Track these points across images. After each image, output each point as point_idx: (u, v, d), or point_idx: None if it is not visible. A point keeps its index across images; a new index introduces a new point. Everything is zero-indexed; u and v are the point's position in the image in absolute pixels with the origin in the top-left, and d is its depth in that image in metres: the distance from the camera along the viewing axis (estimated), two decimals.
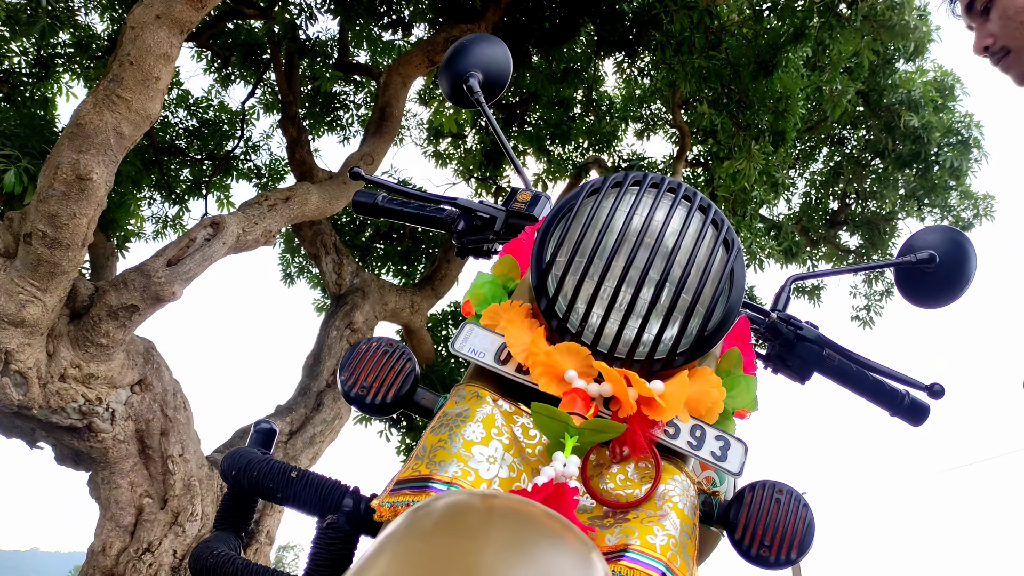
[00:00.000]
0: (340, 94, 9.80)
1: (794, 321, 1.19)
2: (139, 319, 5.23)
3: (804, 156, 10.27)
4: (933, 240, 1.30)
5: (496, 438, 0.89)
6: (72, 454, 5.46)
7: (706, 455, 0.94)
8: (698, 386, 0.94)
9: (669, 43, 6.58)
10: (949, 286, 1.29)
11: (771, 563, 0.93)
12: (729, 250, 0.95)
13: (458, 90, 1.41)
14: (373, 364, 1.02)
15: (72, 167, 4.39)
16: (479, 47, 1.43)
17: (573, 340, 0.91)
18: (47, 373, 4.82)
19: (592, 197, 0.96)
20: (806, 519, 0.94)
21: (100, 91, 4.54)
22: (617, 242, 0.91)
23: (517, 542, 0.55)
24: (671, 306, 0.90)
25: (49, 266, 4.49)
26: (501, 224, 1.24)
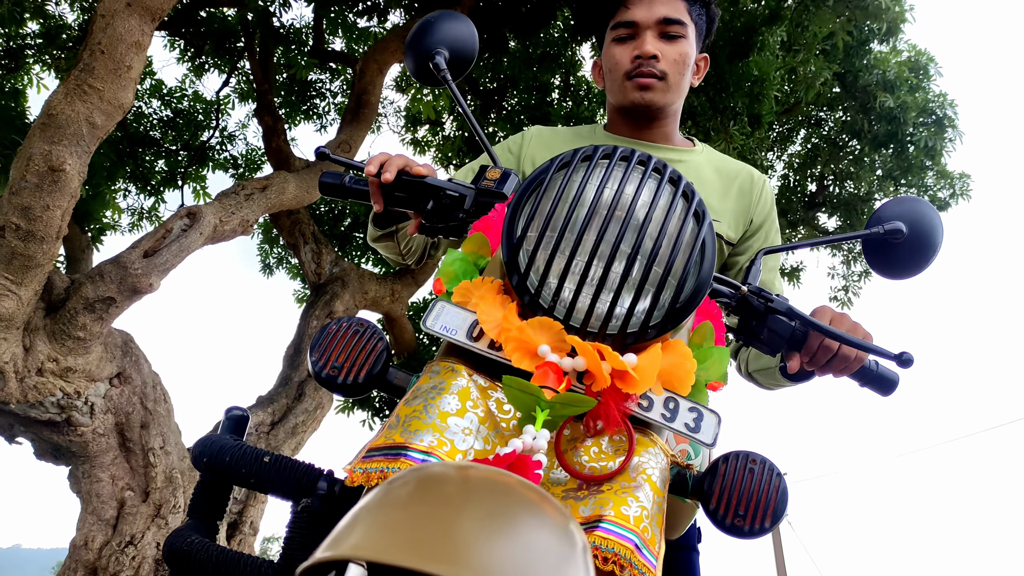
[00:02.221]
0: (316, 82, 9.72)
1: (764, 294, 1.18)
2: (116, 311, 5.18)
3: (782, 139, 10.31)
4: (900, 211, 1.30)
5: (471, 410, 0.90)
6: (52, 448, 5.42)
7: (680, 427, 0.94)
8: (671, 359, 0.94)
9: None
10: (917, 257, 1.29)
11: (745, 532, 0.94)
12: (700, 222, 0.95)
13: (424, 68, 1.38)
14: (344, 344, 1.01)
15: (44, 159, 4.33)
16: (445, 24, 1.40)
17: (545, 315, 0.91)
18: (24, 367, 4.77)
19: (562, 171, 0.96)
20: (779, 487, 0.95)
21: (71, 81, 4.47)
22: (588, 216, 0.91)
23: (495, 511, 0.55)
24: (643, 279, 0.90)
25: (23, 259, 4.43)
26: (471, 202, 1.22)
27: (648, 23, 1.54)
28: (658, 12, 1.54)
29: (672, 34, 1.55)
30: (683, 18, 1.56)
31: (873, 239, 1.30)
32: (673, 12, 1.55)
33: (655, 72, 1.54)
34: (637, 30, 1.56)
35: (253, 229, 6.40)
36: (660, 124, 1.65)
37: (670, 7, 1.55)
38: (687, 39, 1.57)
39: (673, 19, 1.54)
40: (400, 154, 1.25)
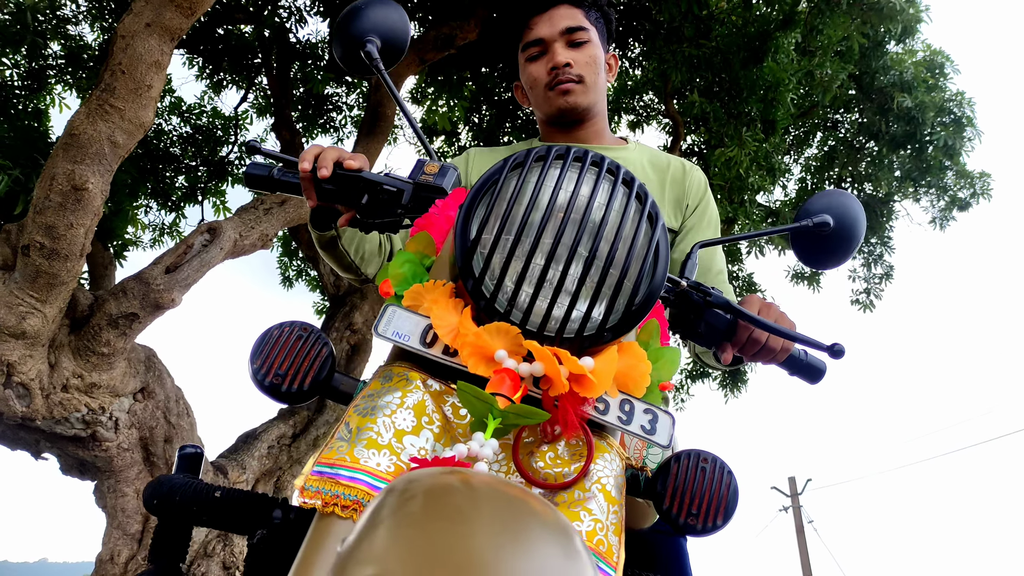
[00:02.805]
0: (332, 95, 9.80)
1: (703, 288, 1.19)
2: (139, 327, 5.24)
3: (799, 142, 10.27)
4: (826, 204, 1.34)
5: (427, 427, 0.88)
6: (77, 464, 5.48)
7: (636, 429, 0.94)
8: (626, 361, 0.94)
9: (659, 33, 6.58)
10: (843, 247, 1.34)
11: (698, 531, 0.94)
12: (653, 224, 0.94)
13: (354, 56, 1.34)
14: (287, 351, 0.98)
15: (68, 178, 4.40)
16: (376, 11, 1.35)
17: (502, 320, 0.89)
18: (49, 384, 4.83)
19: (516, 172, 0.94)
20: (731, 486, 0.96)
21: (93, 101, 4.54)
22: (544, 218, 0.89)
23: (508, 524, 0.56)
24: (600, 282, 0.89)
25: (48, 277, 4.50)
26: (408, 197, 1.18)
27: (554, 36, 1.67)
28: (560, 24, 1.67)
29: (577, 41, 1.68)
30: (584, 24, 1.68)
31: (802, 231, 1.33)
32: (573, 21, 1.68)
33: (572, 77, 1.66)
34: (546, 45, 1.68)
35: (272, 243, 6.46)
36: (590, 124, 1.76)
37: (569, 17, 1.68)
38: (592, 42, 1.70)
39: (575, 27, 1.67)
40: (334, 146, 1.22)
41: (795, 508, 22.58)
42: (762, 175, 7.16)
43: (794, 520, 22.36)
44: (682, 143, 8.82)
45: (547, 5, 1.69)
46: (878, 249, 10.50)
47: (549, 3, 1.69)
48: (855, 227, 1.33)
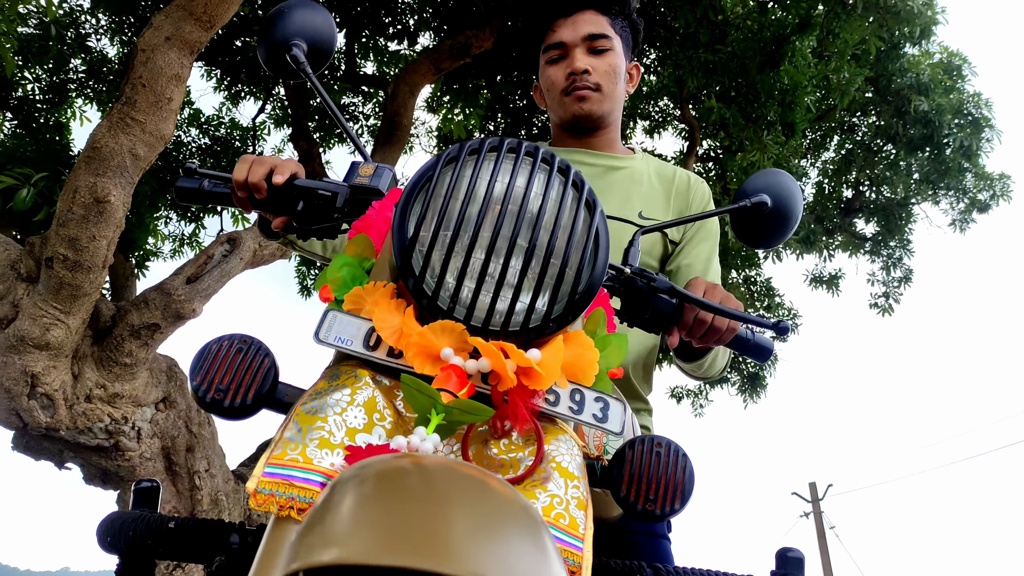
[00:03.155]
0: (349, 105, 9.87)
1: (647, 274, 1.19)
2: (161, 337, 5.29)
3: (815, 145, 10.24)
4: (764, 184, 1.34)
5: (379, 423, 0.86)
6: (100, 473, 5.53)
7: (587, 418, 0.93)
8: (573, 350, 0.93)
9: (674, 39, 6.58)
10: (781, 225, 1.34)
11: (657, 516, 0.94)
12: (592, 211, 0.94)
13: (279, 61, 1.31)
14: (228, 365, 0.94)
15: (90, 190, 4.45)
16: (301, 14, 1.32)
17: (445, 317, 0.88)
18: (73, 394, 4.88)
19: (450, 166, 0.93)
20: (686, 469, 0.95)
21: (114, 114, 4.60)
22: (482, 211, 0.88)
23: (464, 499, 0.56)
24: (541, 273, 0.88)
25: (71, 289, 4.55)
26: (344, 200, 1.16)
27: (575, 41, 1.66)
28: (583, 30, 1.66)
29: (599, 48, 1.67)
30: (607, 32, 1.67)
31: (741, 212, 1.33)
32: (597, 28, 1.67)
33: (589, 85, 1.66)
34: (566, 50, 1.68)
35: (291, 253, 6.50)
36: (602, 133, 1.75)
37: (593, 24, 1.67)
38: (614, 51, 1.69)
39: (598, 34, 1.66)
40: (264, 156, 1.21)
41: (816, 514, 22.43)
42: None
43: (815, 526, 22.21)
44: (698, 148, 8.81)
45: (573, 9, 1.68)
46: (897, 252, 10.44)
47: (575, 7, 1.68)
48: (792, 204, 1.34)
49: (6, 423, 4.86)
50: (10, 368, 4.59)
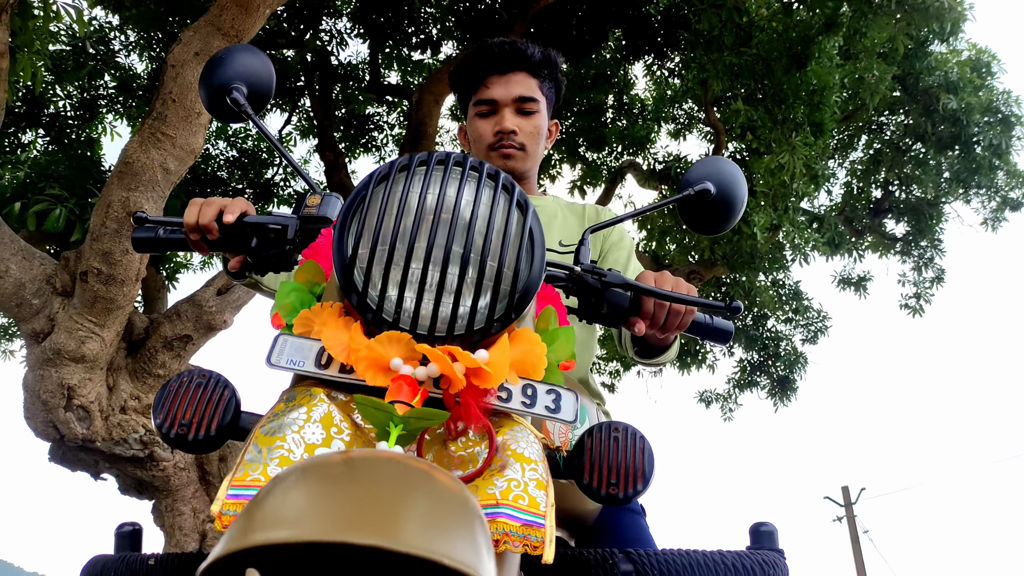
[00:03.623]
0: (373, 115, 9.93)
1: (597, 270, 1.21)
2: (193, 348, 5.35)
3: (843, 146, 10.15)
4: (706, 172, 1.37)
5: (336, 437, 0.88)
6: (135, 483, 5.59)
7: (541, 410, 0.95)
8: (520, 347, 0.95)
9: (699, 42, 6.56)
10: (726, 211, 1.36)
11: (620, 499, 0.96)
12: (524, 212, 0.96)
13: (221, 103, 1.34)
14: (188, 399, 0.97)
15: (123, 204, 4.52)
16: (239, 58, 1.36)
17: (391, 328, 0.90)
18: (108, 406, 4.95)
19: (382, 184, 0.95)
20: (644, 450, 0.97)
21: (145, 129, 4.66)
22: (416, 223, 0.91)
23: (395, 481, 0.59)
24: (479, 276, 0.90)
25: (105, 302, 4.62)
26: (294, 232, 1.19)
27: (506, 101, 1.75)
28: (514, 91, 1.75)
29: (527, 110, 1.77)
30: (535, 95, 1.77)
31: (686, 201, 1.36)
32: (527, 91, 1.76)
33: (515, 144, 1.75)
34: (496, 107, 1.76)
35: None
36: (522, 183, 1.83)
37: (524, 86, 1.76)
38: (540, 112, 1.79)
39: (527, 97, 1.76)
40: (213, 198, 1.24)
41: (849, 518, 22.15)
42: (806, 181, 7.09)
43: (849, 530, 21.95)
44: (724, 151, 8.78)
45: (506, 69, 1.76)
46: (928, 252, 10.32)
47: (509, 67, 1.76)
48: (735, 190, 1.36)
49: (44, 435, 4.93)
50: (47, 381, 4.66)
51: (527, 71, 1.78)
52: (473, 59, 1.80)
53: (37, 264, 4.79)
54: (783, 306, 10.37)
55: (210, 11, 4.77)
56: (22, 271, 4.68)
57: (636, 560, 1.06)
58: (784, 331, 10.69)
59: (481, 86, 1.78)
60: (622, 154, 9.72)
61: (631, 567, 1.05)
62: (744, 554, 1.10)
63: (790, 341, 10.65)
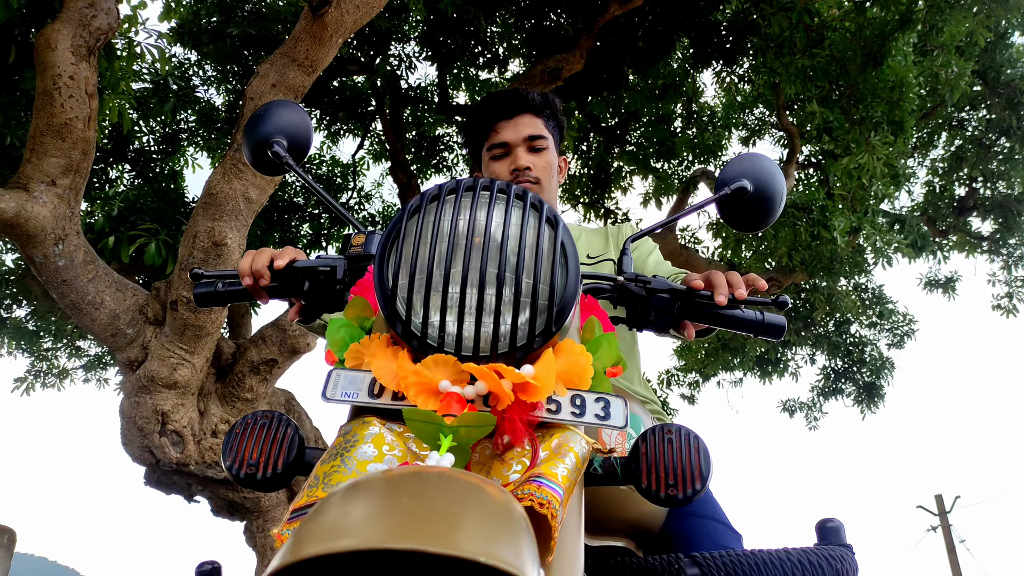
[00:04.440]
0: (443, 136, 10.06)
1: (642, 278, 1.24)
2: (278, 372, 5.48)
3: (922, 144, 9.86)
4: (741, 170, 1.37)
5: (389, 454, 0.90)
6: (227, 505, 5.74)
7: (591, 419, 0.96)
8: (565, 358, 0.97)
9: (769, 46, 6.47)
10: (766, 207, 1.38)
11: (680, 499, 0.96)
12: (555, 227, 0.98)
13: (263, 156, 1.42)
14: (255, 440, 1.01)
15: (208, 235, 4.67)
16: (278, 113, 1.44)
17: (436, 352, 0.92)
18: (200, 430, 5.10)
19: (415, 216, 0.98)
20: (700, 450, 0.98)
21: (227, 161, 4.81)
22: (450, 250, 0.94)
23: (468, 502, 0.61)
24: (516, 294, 0.92)
25: (195, 329, 4.77)
26: (343, 272, 1.25)
27: (517, 141, 1.88)
28: (523, 132, 1.88)
29: (537, 147, 1.89)
30: (543, 133, 1.90)
31: (723, 201, 1.37)
32: (535, 130, 1.89)
33: (531, 179, 1.86)
34: (509, 148, 1.88)
35: None
36: None
37: (532, 126, 1.90)
38: (549, 149, 1.91)
39: (536, 135, 1.88)
40: (264, 249, 1.30)
41: (944, 527, 21.37)
42: (886, 182, 6.90)
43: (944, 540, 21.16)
44: (798, 155, 8.61)
45: (512, 113, 1.90)
46: (1018, 250, 9.93)
47: (514, 111, 1.90)
48: (772, 185, 1.36)
49: (140, 460, 5.11)
50: (142, 407, 4.83)
51: (531, 112, 1.91)
52: (481, 109, 1.94)
53: (130, 295, 4.98)
54: (866, 311, 10.09)
55: (285, 43, 4.91)
56: (116, 302, 4.87)
57: (702, 563, 1.06)
58: (868, 336, 10.41)
59: (492, 131, 1.91)
60: (692, 163, 9.63)
61: (697, 571, 1.05)
62: (811, 550, 1.10)
63: (875, 346, 10.36)
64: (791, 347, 10.55)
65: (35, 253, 4.52)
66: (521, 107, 1.91)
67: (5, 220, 4.27)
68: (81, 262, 4.70)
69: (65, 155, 4.45)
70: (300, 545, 0.55)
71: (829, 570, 1.07)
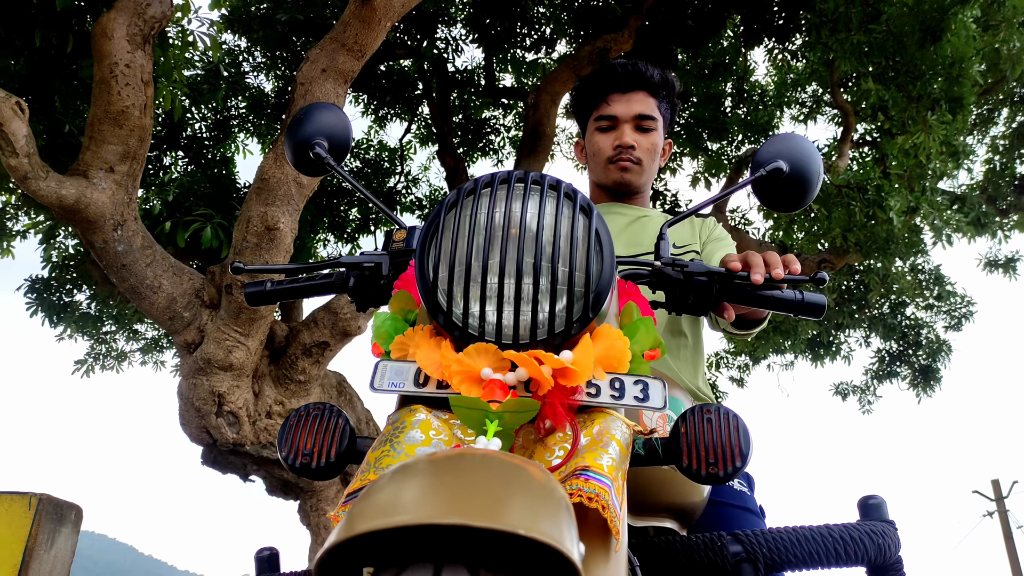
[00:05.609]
0: (490, 119, 10.04)
1: (679, 262, 1.26)
2: (331, 354, 5.55)
3: (982, 121, 9.58)
4: (776, 150, 1.37)
5: (436, 438, 0.94)
6: (281, 485, 5.85)
7: (630, 401, 0.98)
8: (603, 343, 0.99)
9: (823, 22, 6.32)
10: (802, 187, 1.38)
11: (722, 477, 0.98)
12: (589, 216, 1.00)
13: (304, 157, 1.46)
14: (308, 431, 1.05)
15: (261, 219, 4.73)
16: (318, 115, 1.48)
17: (478, 341, 0.95)
18: (255, 411, 5.19)
19: (452, 210, 1.01)
20: (739, 428, 1.00)
21: (278, 147, 4.87)
22: (487, 241, 0.96)
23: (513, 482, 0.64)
24: (553, 282, 0.95)
25: (249, 312, 4.85)
26: (388, 267, 1.30)
27: (626, 118, 1.88)
28: (634, 109, 1.88)
29: (645, 127, 1.89)
30: (654, 114, 1.89)
31: (759, 182, 1.37)
32: (646, 109, 1.88)
33: (632, 159, 1.88)
34: (617, 123, 1.89)
35: None
36: (635, 199, 1.99)
37: (644, 104, 1.89)
38: (657, 131, 1.91)
39: (646, 115, 1.88)
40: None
41: (1001, 513, 20.93)
42: (944, 160, 6.72)
43: (1001, 526, 20.72)
44: (853, 133, 8.42)
45: (628, 87, 1.89)
46: None
47: (631, 86, 1.89)
48: (808, 164, 1.37)
49: (197, 440, 5.22)
50: (199, 389, 4.94)
51: (647, 91, 1.89)
52: (596, 77, 1.93)
53: (186, 279, 5.08)
54: (923, 292, 9.87)
55: (334, 29, 4.94)
56: (173, 286, 4.97)
57: (744, 540, 1.08)
58: (925, 318, 10.18)
59: (603, 102, 1.91)
60: (743, 142, 9.49)
61: (740, 548, 1.07)
62: (852, 526, 1.11)
63: (932, 328, 10.14)
64: (844, 329, 10.37)
65: (95, 238, 4.63)
66: (637, 83, 1.89)
67: (66, 206, 4.38)
68: (139, 247, 4.80)
69: (122, 142, 4.54)
70: (353, 522, 0.58)
71: (871, 545, 1.08)
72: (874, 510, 1.16)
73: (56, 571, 3.28)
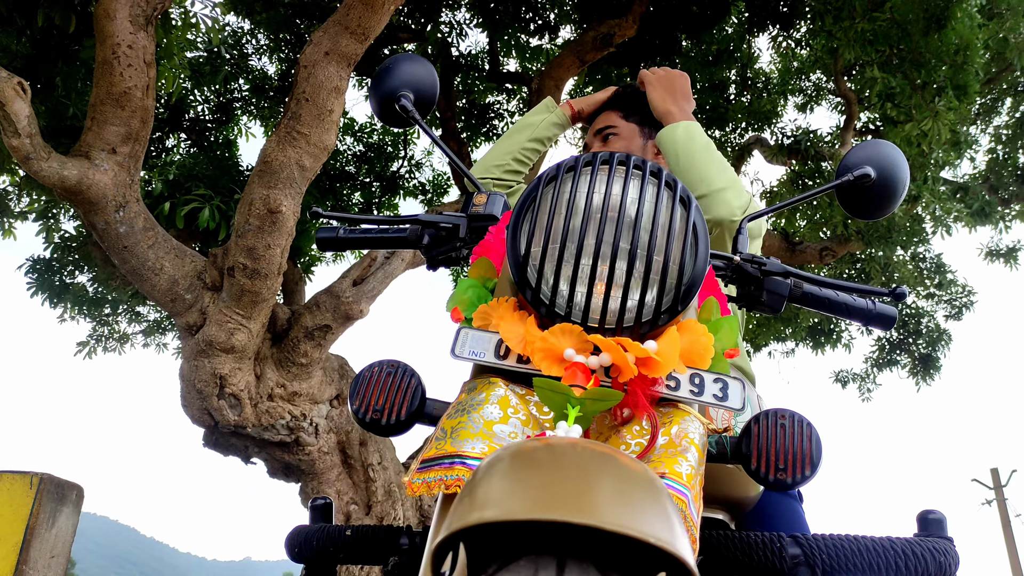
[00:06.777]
0: (493, 104, 10.02)
1: (757, 259, 1.25)
2: (332, 338, 5.56)
3: (986, 110, 9.55)
4: (865, 156, 1.36)
5: (513, 416, 0.94)
6: (282, 467, 5.88)
7: (708, 398, 0.98)
8: (688, 337, 0.98)
9: (827, 10, 6.30)
10: (888, 195, 1.36)
11: (789, 484, 0.97)
12: (687, 207, 0.99)
13: (390, 109, 1.44)
14: (381, 387, 1.05)
15: (264, 202, 4.74)
16: (405, 67, 1.46)
17: (563, 321, 0.94)
18: (257, 394, 5.21)
19: (551, 185, 1.00)
20: (812, 437, 0.99)
21: (281, 129, 4.87)
22: (584, 222, 0.95)
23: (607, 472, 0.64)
24: (646, 270, 0.94)
25: (251, 295, 4.86)
26: (465, 230, 1.28)
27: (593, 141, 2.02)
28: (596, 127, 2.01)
29: (606, 135, 1.96)
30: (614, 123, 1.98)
31: (845, 187, 1.36)
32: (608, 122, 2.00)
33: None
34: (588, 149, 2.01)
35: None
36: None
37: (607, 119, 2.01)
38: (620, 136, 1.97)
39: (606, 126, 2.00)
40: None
41: (1000, 501, 21.02)
42: (947, 149, 6.71)
43: (999, 514, 20.81)
44: (856, 121, 8.40)
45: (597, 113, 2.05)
46: None
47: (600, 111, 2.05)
48: (897, 174, 1.36)
49: (199, 422, 5.25)
50: (201, 371, 4.96)
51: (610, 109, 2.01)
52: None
53: (188, 261, 5.09)
54: (924, 281, 9.88)
55: (338, 11, 4.93)
56: (175, 268, 4.99)
57: (804, 544, 1.06)
58: (925, 307, 10.19)
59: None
60: (747, 130, 9.47)
61: (799, 551, 1.06)
62: (914, 542, 1.09)
63: (932, 317, 10.15)
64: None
65: (97, 220, 4.64)
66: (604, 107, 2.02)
67: (68, 187, 4.38)
68: (141, 228, 4.81)
69: (124, 123, 4.54)
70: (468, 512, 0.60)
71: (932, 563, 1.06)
72: (933, 525, 1.14)
73: (57, 549, 3.31)
